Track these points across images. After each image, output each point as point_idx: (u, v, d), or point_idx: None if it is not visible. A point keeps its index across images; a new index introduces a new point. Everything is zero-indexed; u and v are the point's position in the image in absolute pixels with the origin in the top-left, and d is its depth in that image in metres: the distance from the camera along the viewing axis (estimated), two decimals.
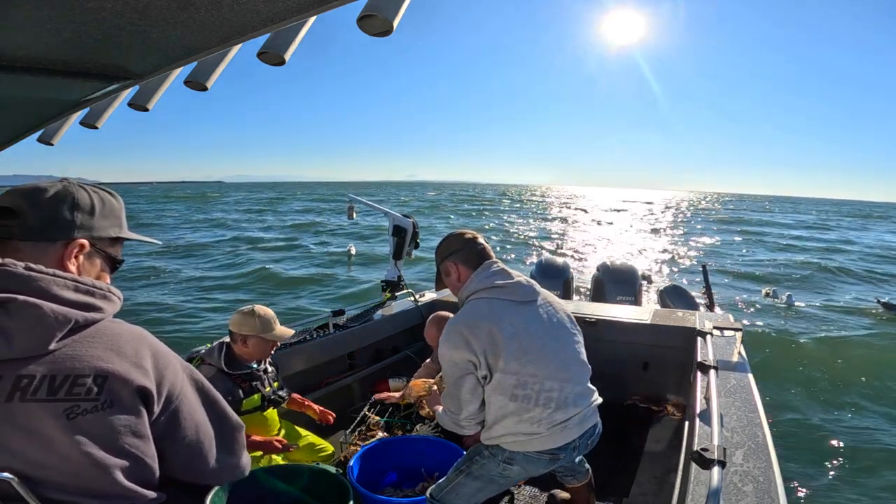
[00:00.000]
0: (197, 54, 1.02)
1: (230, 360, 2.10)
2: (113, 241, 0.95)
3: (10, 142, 1.77)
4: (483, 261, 1.74)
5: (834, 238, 27.99)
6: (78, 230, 0.88)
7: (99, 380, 0.79)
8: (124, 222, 0.97)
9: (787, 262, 16.95)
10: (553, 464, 1.68)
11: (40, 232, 0.85)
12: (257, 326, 2.09)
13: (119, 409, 0.81)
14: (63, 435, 0.76)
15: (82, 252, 0.88)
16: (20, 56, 0.96)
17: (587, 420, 1.70)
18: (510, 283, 1.68)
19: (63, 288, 0.80)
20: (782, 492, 1.35)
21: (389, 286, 4.21)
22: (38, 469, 0.76)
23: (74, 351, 0.79)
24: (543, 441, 1.61)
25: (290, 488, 1.90)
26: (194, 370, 0.97)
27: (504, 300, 1.65)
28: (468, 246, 1.75)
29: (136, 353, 0.85)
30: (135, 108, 1.50)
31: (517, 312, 1.64)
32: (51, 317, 0.77)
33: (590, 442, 1.76)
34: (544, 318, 1.68)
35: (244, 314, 2.11)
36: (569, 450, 1.67)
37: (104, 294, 0.86)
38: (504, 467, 1.66)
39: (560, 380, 1.62)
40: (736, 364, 2.33)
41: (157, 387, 0.85)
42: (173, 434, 0.90)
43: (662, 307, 4.57)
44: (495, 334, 1.56)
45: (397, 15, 0.89)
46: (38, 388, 0.76)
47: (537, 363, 1.59)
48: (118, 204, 0.96)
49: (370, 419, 2.73)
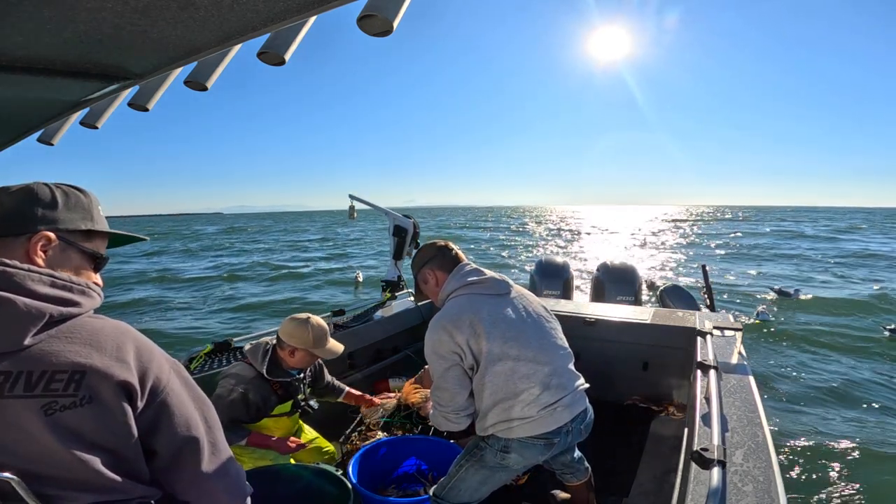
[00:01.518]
0: (197, 54, 1.02)
1: (272, 365, 2.04)
2: (87, 235, 0.93)
3: (10, 142, 1.77)
4: (457, 264, 1.84)
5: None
6: (39, 223, 0.87)
7: (77, 375, 0.78)
8: (96, 216, 0.95)
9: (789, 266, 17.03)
10: (549, 450, 1.70)
11: (3, 228, 0.84)
12: (309, 340, 2.01)
13: (99, 405, 0.80)
14: (43, 431, 0.76)
15: (49, 245, 0.87)
16: (20, 56, 0.96)
17: (577, 404, 1.73)
18: (485, 279, 1.78)
19: (38, 283, 0.80)
20: (782, 492, 1.35)
21: (389, 286, 4.21)
22: (30, 464, 0.76)
23: (51, 346, 0.79)
24: (535, 425, 1.64)
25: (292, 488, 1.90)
26: (180, 366, 0.95)
27: (481, 294, 1.75)
28: (441, 253, 1.87)
29: (118, 348, 0.84)
30: (135, 108, 1.50)
31: (494, 303, 1.72)
32: (24, 311, 0.76)
33: (583, 428, 1.78)
34: (520, 308, 1.76)
35: (298, 323, 2.02)
36: (562, 434, 1.69)
37: (82, 289, 0.85)
38: (502, 456, 1.68)
39: (542, 362, 1.67)
40: (736, 364, 2.33)
41: (139, 380, 0.84)
42: (162, 428, 0.88)
43: (662, 307, 4.57)
44: (476, 324, 1.64)
45: (397, 15, 0.89)
46: (15, 384, 0.75)
47: (519, 347, 1.65)
48: (86, 199, 0.95)
49: (370, 419, 2.73)
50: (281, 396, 2.07)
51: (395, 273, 4.26)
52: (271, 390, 2.04)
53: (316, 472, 1.92)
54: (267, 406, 2.03)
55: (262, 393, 2.00)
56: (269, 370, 2.02)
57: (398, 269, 4.26)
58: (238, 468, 1.00)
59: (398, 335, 3.68)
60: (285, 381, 2.08)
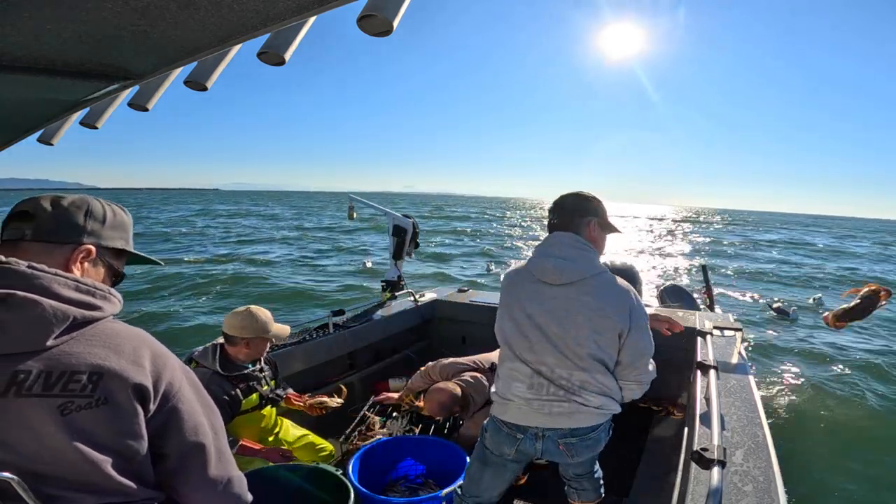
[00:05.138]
0: (197, 54, 1.02)
1: (225, 361, 2.09)
2: (118, 254, 0.98)
3: (10, 142, 1.77)
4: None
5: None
6: (87, 236, 0.91)
7: (94, 377, 0.80)
8: (131, 238, 1.01)
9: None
10: (511, 442, 1.63)
11: (51, 234, 0.88)
12: (258, 328, 2.08)
13: (113, 407, 0.81)
14: (57, 430, 0.77)
15: (88, 258, 0.91)
16: (20, 56, 0.96)
17: (561, 417, 1.56)
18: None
19: (64, 286, 0.82)
20: (782, 492, 1.35)
21: (389, 286, 4.21)
22: (36, 464, 0.77)
23: (72, 348, 0.80)
24: (504, 408, 1.64)
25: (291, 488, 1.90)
26: (193, 374, 0.98)
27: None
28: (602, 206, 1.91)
29: (135, 352, 0.86)
30: (135, 108, 1.50)
31: (541, 290, 1.64)
32: (49, 313, 0.78)
33: (563, 443, 1.59)
34: (563, 303, 1.60)
35: (241, 316, 2.08)
36: (529, 435, 1.60)
37: (104, 295, 0.87)
38: (484, 437, 1.73)
39: (537, 352, 1.58)
40: (736, 364, 2.33)
41: (153, 384, 0.86)
42: (172, 433, 0.90)
43: (662, 307, 4.57)
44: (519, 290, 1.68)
45: (397, 15, 0.89)
46: (34, 383, 0.77)
47: (534, 336, 1.60)
48: (128, 219, 1.01)
49: (370, 419, 2.73)
50: (243, 390, 2.11)
51: (395, 273, 4.25)
52: (232, 385, 2.07)
53: (315, 472, 1.92)
54: (234, 402, 2.05)
55: (223, 387, 2.03)
56: (223, 366, 2.07)
57: (398, 269, 4.26)
58: (240, 475, 1.03)
59: (398, 335, 3.68)
60: (242, 374, 2.12)
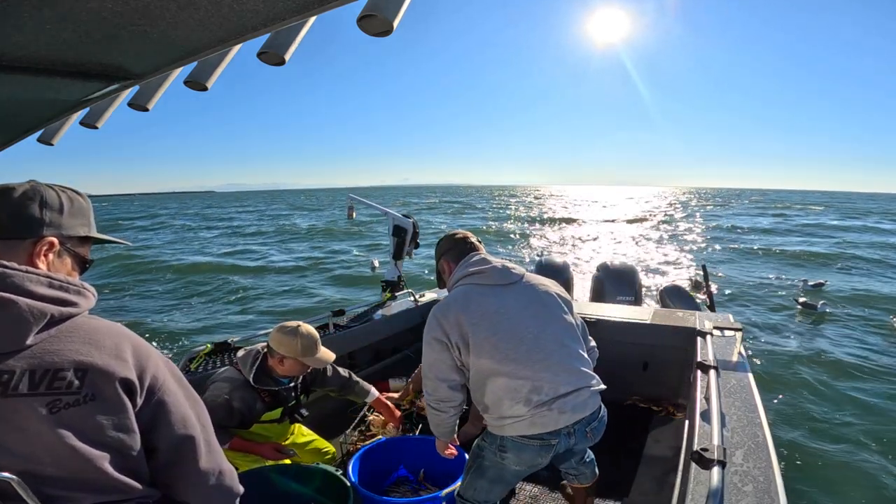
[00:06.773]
0: (197, 54, 1.03)
1: (261, 373, 2.01)
2: (82, 241, 0.95)
3: (10, 142, 1.77)
4: (468, 254, 1.84)
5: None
6: (47, 228, 0.88)
7: (79, 373, 0.79)
8: (93, 222, 0.97)
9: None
10: (547, 451, 1.62)
11: (9, 230, 0.85)
12: (298, 349, 1.97)
13: (102, 402, 0.81)
14: (48, 429, 0.77)
15: (52, 250, 0.88)
16: (20, 56, 0.96)
17: (581, 406, 1.62)
18: (486, 269, 1.75)
19: (37, 284, 0.80)
20: (782, 492, 1.35)
21: (389, 286, 4.21)
22: (32, 464, 0.77)
23: (52, 345, 0.79)
24: (527, 425, 1.58)
25: (291, 488, 1.90)
26: (174, 365, 0.96)
27: (480, 284, 1.73)
28: (456, 244, 1.89)
29: (117, 347, 0.85)
30: (135, 108, 1.50)
31: (492, 295, 1.69)
32: (26, 311, 0.77)
33: (589, 430, 1.67)
34: (523, 299, 1.72)
35: (286, 333, 1.98)
36: (562, 436, 1.61)
37: (78, 290, 0.86)
38: (500, 455, 1.66)
39: (534, 359, 1.61)
40: (736, 364, 2.33)
41: (138, 377, 0.85)
42: (160, 426, 0.89)
43: (662, 307, 4.57)
44: (461, 319, 1.64)
45: (397, 15, 0.89)
46: (19, 383, 0.76)
47: (509, 342, 1.61)
48: (86, 204, 0.96)
49: (370, 419, 2.73)
50: (268, 404, 2.05)
51: (395, 273, 4.26)
52: (258, 397, 2.01)
53: (316, 472, 1.92)
54: (252, 413, 1.99)
55: (248, 400, 1.97)
56: (257, 378, 2.00)
57: (398, 269, 4.26)
58: (231, 468, 1.01)
59: (398, 335, 3.67)
60: (273, 389, 2.05)
